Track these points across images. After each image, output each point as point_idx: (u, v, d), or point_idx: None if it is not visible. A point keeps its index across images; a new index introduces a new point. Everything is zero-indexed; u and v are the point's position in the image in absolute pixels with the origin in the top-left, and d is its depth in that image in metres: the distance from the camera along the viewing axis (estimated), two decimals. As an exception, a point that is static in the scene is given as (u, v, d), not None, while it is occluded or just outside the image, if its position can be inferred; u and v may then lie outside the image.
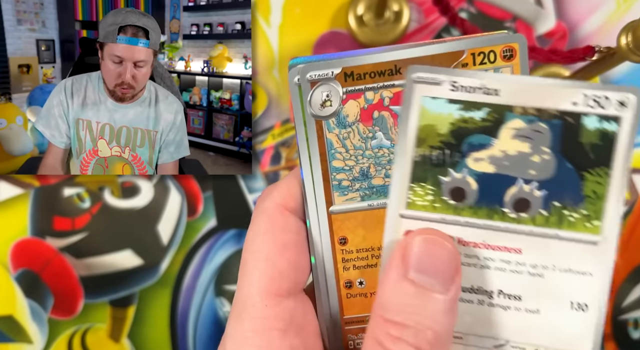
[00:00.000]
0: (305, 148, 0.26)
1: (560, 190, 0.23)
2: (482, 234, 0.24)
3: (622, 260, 0.57)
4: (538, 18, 0.58)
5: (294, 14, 0.58)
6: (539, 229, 0.24)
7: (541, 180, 0.24)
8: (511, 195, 0.24)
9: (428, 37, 0.58)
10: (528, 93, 0.23)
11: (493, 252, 0.24)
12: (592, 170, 0.23)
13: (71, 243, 0.57)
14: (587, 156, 0.23)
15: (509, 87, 0.23)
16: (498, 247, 0.24)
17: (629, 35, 0.39)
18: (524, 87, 0.23)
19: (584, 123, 0.23)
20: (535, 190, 0.23)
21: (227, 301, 0.57)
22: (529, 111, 0.23)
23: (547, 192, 0.24)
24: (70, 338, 0.57)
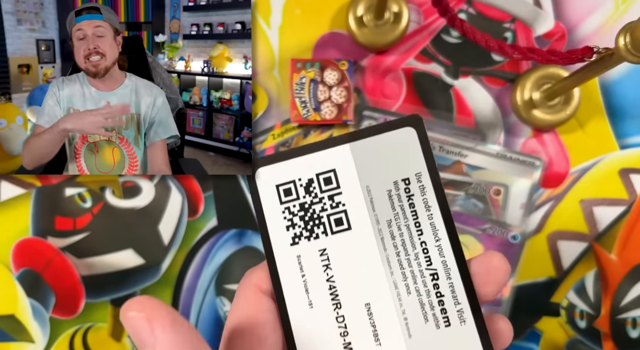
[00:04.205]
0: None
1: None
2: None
3: (620, 260, 0.57)
4: (537, 19, 0.58)
5: (294, 14, 0.59)
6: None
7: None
8: None
9: (427, 38, 0.58)
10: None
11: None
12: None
13: (72, 243, 0.57)
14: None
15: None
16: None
17: (627, 36, 0.39)
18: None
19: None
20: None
21: (228, 300, 0.57)
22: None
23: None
24: (72, 337, 0.57)
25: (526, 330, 0.56)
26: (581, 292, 0.57)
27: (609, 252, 0.57)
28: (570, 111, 0.56)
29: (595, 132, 0.58)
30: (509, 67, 0.58)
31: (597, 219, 0.57)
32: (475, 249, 0.54)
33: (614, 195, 0.57)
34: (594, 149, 0.58)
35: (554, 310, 0.57)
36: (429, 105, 0.58)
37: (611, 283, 0.57)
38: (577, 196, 0.57)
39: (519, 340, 0.56)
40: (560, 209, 0.57)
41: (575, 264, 0.57)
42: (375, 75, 0.58)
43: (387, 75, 0.58)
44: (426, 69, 0.58)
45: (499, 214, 0.55)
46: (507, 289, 0.54)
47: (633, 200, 0.57)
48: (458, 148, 0.56)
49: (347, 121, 0.56)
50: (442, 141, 0.56)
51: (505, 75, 0.58)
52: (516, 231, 0.54)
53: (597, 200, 0.57)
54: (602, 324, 0.57)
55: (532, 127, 0.57)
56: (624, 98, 0.58)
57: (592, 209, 0.57)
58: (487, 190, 0.56)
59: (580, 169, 0.57)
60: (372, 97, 0.58)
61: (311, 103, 0.56)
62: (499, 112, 0.58)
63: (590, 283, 0.57)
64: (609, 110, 0.58)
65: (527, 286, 0.56)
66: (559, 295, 0.57)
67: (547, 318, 0.57)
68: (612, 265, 0.57)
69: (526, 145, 0.57)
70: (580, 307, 0.57)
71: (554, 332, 0.57)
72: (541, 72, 0.56)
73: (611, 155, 0.58)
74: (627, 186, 0.57)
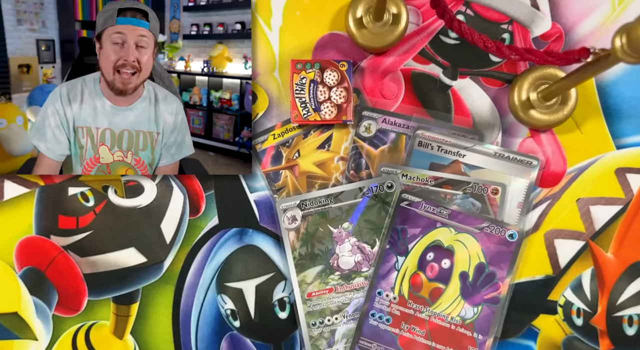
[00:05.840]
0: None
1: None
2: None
3: (617, 259, 0.57)
4: (534, 20, 0.58)
5: (295, 16, 0.59)
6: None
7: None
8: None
9: (426, 39, 0.59)
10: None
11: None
12: None
13: (75, 241, 0.58)
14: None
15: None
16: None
17: (623, 37, 0.40)
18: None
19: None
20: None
21: (229, 298, 0.57)
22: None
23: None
24: (75, 335, 0.58)
25: (524, 327, 0.57)
26: (578, 290, 0.57)
27: (606, 250, 0.57)
28: (567, 111, 0.56)
29: (592, 132, 0.58)
30: (506, 68, 0.58)
31: (593, 218, 0.58)
32: (473, 247, 0.55)
33: (610, 194, 0.58)
34: (591, 148, 0.58)
35: (551, 308, 0.57)
36: (428, 106, 0.58)
37: (608, 281, 0.57)
38: (574, 195, 0.58)
39: (517, 337, 0.57)
40: (557, 208, 0.58)
41: (572, 262, 0.57)
42: (374, 76, 0.58)
43: (386, 75, 0.58)
44: (425, 70, 0.59)
45: (496, 213, 0.56)
46: (505, 287, 0.54)
47: (629, 199, 0.58)
48: (456, 148, 0.56)
49: (346, 121, 0.56)
50: (440, 141, 0.57)
51: (503, 76, 0.58)
52: (513, 230, 0.55)
53: (594, 199, 0.58)
54: (599, 322, 0.57)
55: (529, 127, 0.58)
56: (620, 99, 0.58)
57: (589, 208, 0.58)
58: (485, 189, 0.56)
59: (577, 169, 0.58)
60: (372, 98, 0.58)
61: (311, 103, 0.57)
62: (497, 113, 0.58)
63: (587, 281, 0.57)
64: (606, 111, 0.58)
65: (525, 284, 0.57)
66: (556, 293, 0.57)
67: (545, 316, 0.57)
68: (608, 264, 0.57)
69: (523, 145, 0.58)
70: (577, 304, 0.57)
71: (551, 330, 0.57)
72: (538, 73, 0.56)
73: (608, 155, 0.58)
74: (623, 185, 0.58)
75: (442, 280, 0.55)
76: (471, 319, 0.55)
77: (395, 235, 0.55)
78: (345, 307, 0.56)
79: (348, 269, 0.56)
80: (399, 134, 0.57)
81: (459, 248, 0.55)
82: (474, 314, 0.55)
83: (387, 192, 0.56)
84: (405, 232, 0.55)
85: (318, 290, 0.55)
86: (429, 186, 0.56)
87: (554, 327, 0.57)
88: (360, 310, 0.55)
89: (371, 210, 0.56)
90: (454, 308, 0.55)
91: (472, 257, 0.55)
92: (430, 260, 0.55)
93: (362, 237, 0.56)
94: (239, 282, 0.57)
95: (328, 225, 0.55)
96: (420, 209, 0.55)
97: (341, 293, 0.56)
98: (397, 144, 0.57)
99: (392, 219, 0.55)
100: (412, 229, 0.55)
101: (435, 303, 0.55)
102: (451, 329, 0.55)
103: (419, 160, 0.57)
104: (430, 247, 0.55)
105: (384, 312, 0.55)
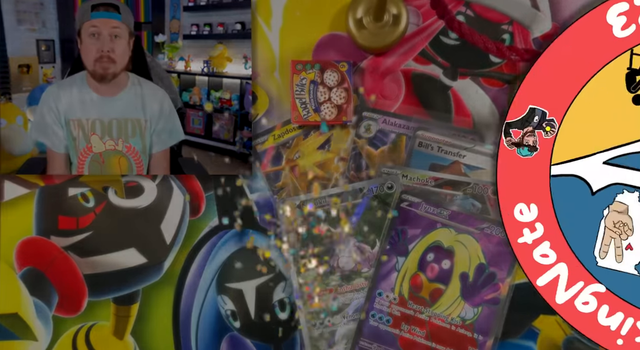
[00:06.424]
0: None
1: None
2: None
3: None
4: (534, 21, 0.58)
5: (295, 16, 0.59)
6: None
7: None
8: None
9: (426, 39, 0.59)
10: None
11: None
12: None
13: (75, 242, 0.58)
14: None
15: None
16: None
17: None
18: None
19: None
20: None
21: (229, 299, 0.57)
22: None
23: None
24: (75, 335, 0.58)
25: (524, 328, 0.57)
26: (578, 291, 0.57)
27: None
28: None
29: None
30: (506, 68, 0.58)
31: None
32: (473, 248, 0.55)
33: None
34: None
35: (551, 308, 0.57)
36: (428, 106, 0.58)
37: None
38: (574, 196, 0.58)
39: (517, 338, 0.57)
40: (557, 208, 0.58)
41: (572, 263, 0.57)
42: (374, 76, 0.58)
43: (386, 76, 0.58)
44: (425, 71, 0.59)
45: (496, 213, 0.56)
46: (505, 288, 0.54)
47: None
48: (456, 148, 0.56)
49: (346, 122, 0.57)
50: (440, 142, 0.57)
51: (503, 76, 0.58)
52: (514, 230, 0.55)
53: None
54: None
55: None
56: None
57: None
58: (485, 190, 0.56)
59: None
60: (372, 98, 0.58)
61: (311, 104, 0.57)
62: (497, 113, 0.58)
63: (586, 282, 0.57)
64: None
65: (525, 285, 0.57)
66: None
67: (545, 316, 0.57)
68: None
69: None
70: (577, 305, 0.57)
71: (551, 330, 0.57)
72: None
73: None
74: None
75: (443, 281, 0.55)
76: (471, 319, 0.55)
77: (396, 235, 0.56)
78: (345, 308, 0.56)
79: (348, 270, 0.56)
80: (399, 134, 0.57)
81: (459, 249, 0.55)
82: (474, 314, 0.55)
83: (387, 192, 0.56)
84: (405, 232, 0.55)
85: (318, 290, 0.55)
86: (429, 187, 0.56)
87: (554, 328, 0.57)
88: (361, 311, 0.55)
89: (371, 211, 0.56)
90: (454, 309, 0.55)
91: (472, 258, 0.55)
92: (431, 260, 0.55)
93: (362, 238, 0.56)
94: (239, 282, 0.57)
95: (328, 226, 0.56)
96: (420, 210, 0.55)
97: (341, 293, 0.56)
98: (398, 145, 0.57)
99: (392, 220, 0.56)
100: (412, 230, 0.56)
101: (435, 304, 0.55)
102: (451, 329, 0.55)
103: (419, 160, 0.57)
104: (430, 247, 0.55)
105: (384, 313, 0.55)
